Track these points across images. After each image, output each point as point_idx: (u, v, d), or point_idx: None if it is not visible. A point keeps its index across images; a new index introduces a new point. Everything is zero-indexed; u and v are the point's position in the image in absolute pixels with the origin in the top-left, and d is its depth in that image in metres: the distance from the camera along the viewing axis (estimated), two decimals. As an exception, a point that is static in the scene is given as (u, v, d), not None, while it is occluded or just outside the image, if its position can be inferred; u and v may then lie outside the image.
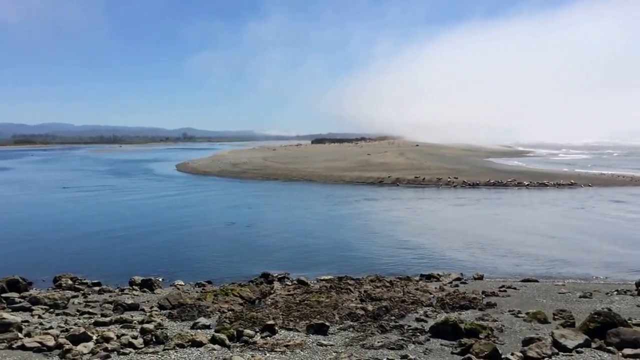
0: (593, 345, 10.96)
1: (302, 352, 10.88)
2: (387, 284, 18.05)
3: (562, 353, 10.57)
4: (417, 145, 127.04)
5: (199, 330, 12.58)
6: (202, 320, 13.34)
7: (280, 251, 24.89)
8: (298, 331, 12.58)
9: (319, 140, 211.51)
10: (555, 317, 13.54)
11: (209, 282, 19.10)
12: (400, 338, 11.90)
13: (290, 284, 18.72)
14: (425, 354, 10.93)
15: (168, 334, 11.94)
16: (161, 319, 13.85)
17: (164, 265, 21.98)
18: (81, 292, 17.60)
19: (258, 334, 12.08)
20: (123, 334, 11.75)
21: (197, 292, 17.60)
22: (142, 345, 11.11)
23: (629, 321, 12.27)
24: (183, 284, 19.09)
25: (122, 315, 14.12)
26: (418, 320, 13.69)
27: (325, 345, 11.34)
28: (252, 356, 10.28)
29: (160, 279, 19.46)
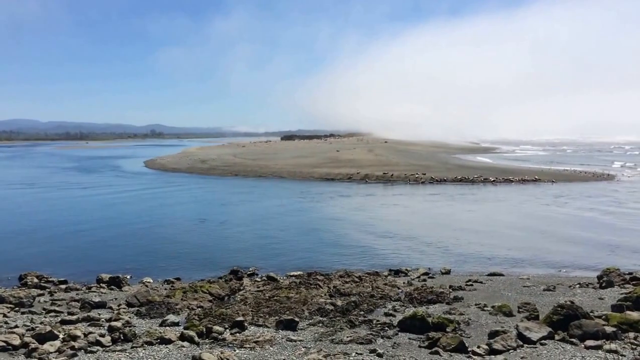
0: (556, 337, 11.23)
1: (271, 348, 10.91)
2: (356, 279, 18.18)
3: (526, 345, 10.81)
4: (386, 142, 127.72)
5: (167, 328, 12.49)
6: (171, 318, 13.25)
7: (249, 247, 24.84)
8: (267, 327, 12.60)
9: (288, 136, 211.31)
10: (520, 310, 13.83)
11: (178, 279, 18.98)
12: (369, 333, 12.01)
13: (259, 280, 18.71)
14: (393, 347, 11.05)
15: (136, 331, 11.83)
16: (129, 317, 13.72)
17: (132, 263, 21.75)
18: (47, 290, 17.31)
19: (227, 330, 12.06)
20: (90, 332, 11.60)
21: (165, 289, 17.47)
22: (110, 343, 11.00)
23: (590, 313, 12.61)
24: (151, 281, 18.92)
25: (89, 314, 13.93)
26: (386, 314, 13.83)
27: (295, 341, 11.39)
28: (221, 353, 10.26)
29: (128, 277, 19.24)
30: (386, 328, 12.44)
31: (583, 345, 10.76)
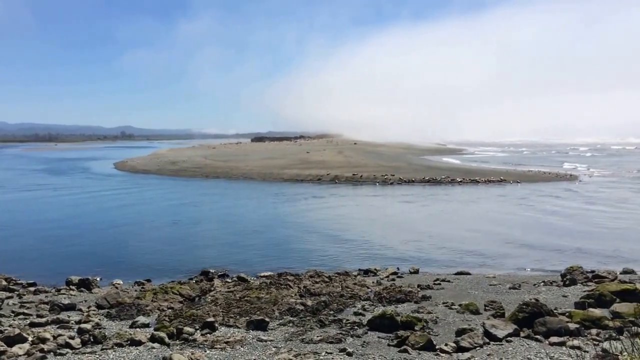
0: (522, 334, 11.52)
1: (242, 348, 10.96)
2: (326, 279, 18.31)
3: (493, 342, 11.07)
4: (355, 144, 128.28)
5: (138, 329, 12.43)
6: (141, 319, 13.18)
7: (220, 249, 24.78)
8: (238, 327, 12.64)
9: (258, 138, 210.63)
10: (487, 308, 14.12)
11: (148, 281, 18.85)
12: (339, 332, 12.14)
13: (230, 281, 18.70)
14: (363, 346, 11.20)
15: (106, 333, 11.76)
16: (99, 319, 13.61)
17: (102, 265, 21.51)
18: (16, 292, 17.03)
19: (198, 331, 12.07)
20: (60, 335, 11.49)
21: (136, 290, 17.35)
22: (80, 346, 10.92)
23: (555, 310, 12.95)
24: (122, 282, 18.76)
25: (58, 316, 13.78)
26: (356, 314, 13.97)
27: (265, 341, 11.46)
28: (192, 353, 10.28)
29: (98, 278, 19.06)
30: (356, 327, 12.59)
31: (547, 342, 11.05)
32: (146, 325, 12.84)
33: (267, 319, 12.91)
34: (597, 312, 12.79)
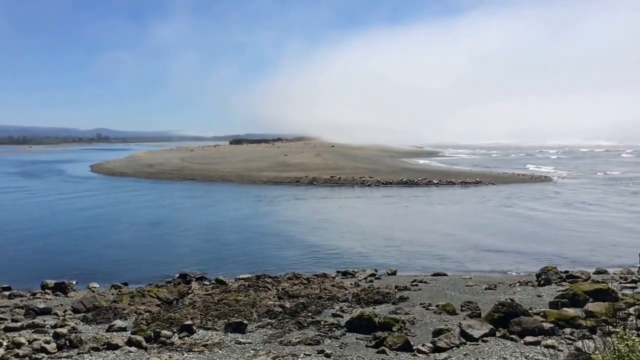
0: (497, 334, 11.70)
1: (220, 351, 10.95)
2: (305, 281, 18.34)
3: (469, 342, 11.22)
4: (333, 146, 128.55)
5: (114, 333, 12.35)
6: (118, 323, 13.10)
7: (198, 251, 24.68)
8: (216, 330, 12.62)
9: (236, 140, 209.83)
10: (463, 308, 14.29)
11: (125, 284, 18.69)
12: (317, 334, 12.20)
13: (208, 283, 18.64)
14: (341, 348, 11.27)
15: (82, 337, 11.66)
16: (75, 323, 13.48)
17: (79, 268, 21.27)
18: (-11, 297, 16.81)
19: (176, 334, 12.03)
20: (35, 339, 11.37)
21: (112, 294, 17.19)
22: (56, 350, 10.82)
23: (529, 310, 13.16)
24: (98, 286, 18.58)
25: (34, 320, 13.59)
26: (334, 315, 14.04)
27: (244, 343, 11.46)
28: (169, 357, 10.26)
29: (74, 282, 18.85)
30: (334, 329, 12.65)
31: (522, 342, 11.24)
32: (123, 329, 12.76)
33: (245, 322, 12.92)
34: (571, 311, 13.03)
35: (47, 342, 11.03)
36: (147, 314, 14.37)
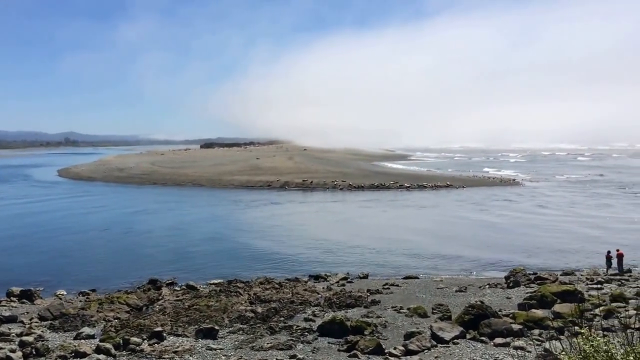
0: (468, 336, 11.82)
1: (191, 358, 10.85)
2: (277, 286, 18.30)
3: (440, 345, 11.32)
4: (305, 150, 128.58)
5: (82, 341, 12.15)
6: (86, 330, 12.89)
7: (169, 257, 24.41)
8: (187, 336, 12.50)
9: (208, 144, 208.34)
10: (434, 311, 14.41)
11: (94, 291, 18.40)
12: (289, 338, 12.17)
13: (179, 289, 18.47)
14: (313, 352, 11.26)
15: (49, 345, 11.45)
16: (42, 331, 13.23)
17: (45, 275, 20.87)
18: (-50, 306, 16.38)
19: (145, 341, 11.87)
20: (0, 348, 11.13)
21: (80, 301, 16.91)
22: (22, 359, 10.60)
23: (499, 312, 13.34)
24: (65, 293, 18.26)
25: (-2, 329, 13.33)
26: (306, 320, 14.02)
27: (215, 349, 11.38)
28: (139, 364, 10.14)
29: (40, 289, 18.50)
30: (306, 333, 12.64)
31: (492, 343, 11.38)
32: (91, 337, 12.57)
33: (216, 327, 12.82)
34: (539, 312, 13.24)
35: (13, 351, 10.79)
36: (116, 320, 14.17)
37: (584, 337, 4.53)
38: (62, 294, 18.08)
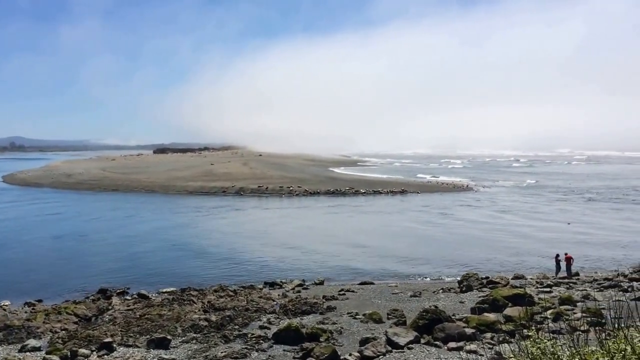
0: (422, 340, 11.91)
1: (142, 368, 10.62)
2: (231, 293, 18.12)
3: (395, 350, 11.36)
4: (260, 155, 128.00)
5: (28, 353, 11.73)
6: (32, 342, 12.46)
7: (120, 265, 23.87)
8: (138, 347, 12.22)
9: (161, 150, 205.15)
10: (389, 316, 14.50)
11: (40, 301, 17.82)
12: (244, 347, 12.03)
13: (130, 298, 18.08)
14: (268, 360, 11.17)
15: (-8, 360, 11.04)
16: (-17, 344, 12.75)
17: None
18: None
19: (94, 352, 11.55)
20: (-63, 364, 10.67)
21: (26, 312, 16.35)
22: (-39, 375, 10.17)
23: (453, 316, 13.50)
24: (9, 304, 17.61)
25: None
26: (262, 327, 13.91)
27: (167, 360, 11.17)
28: (88, 376, 9.85)
29: (-18, 300, 17.83)
30: (261, 341, 12.52)
31: (446, 347, 11.50)
32: (37, 349, 12.15)
33: (169, 337, 12.58)
34: (491, 316, 13.46)
35: (-47, 366, 10.33)
36: (64, 332, 13.78)
37: (532, 340, 4.61)
38: (6, 305, 17.44)
